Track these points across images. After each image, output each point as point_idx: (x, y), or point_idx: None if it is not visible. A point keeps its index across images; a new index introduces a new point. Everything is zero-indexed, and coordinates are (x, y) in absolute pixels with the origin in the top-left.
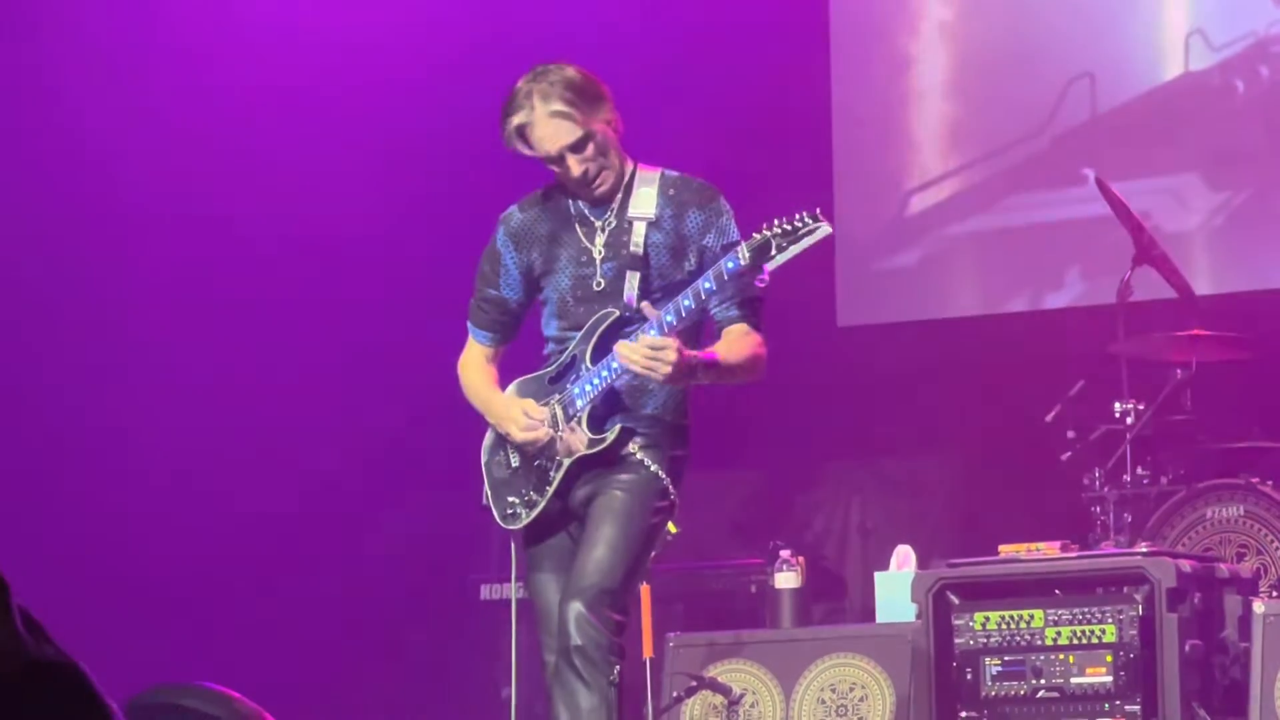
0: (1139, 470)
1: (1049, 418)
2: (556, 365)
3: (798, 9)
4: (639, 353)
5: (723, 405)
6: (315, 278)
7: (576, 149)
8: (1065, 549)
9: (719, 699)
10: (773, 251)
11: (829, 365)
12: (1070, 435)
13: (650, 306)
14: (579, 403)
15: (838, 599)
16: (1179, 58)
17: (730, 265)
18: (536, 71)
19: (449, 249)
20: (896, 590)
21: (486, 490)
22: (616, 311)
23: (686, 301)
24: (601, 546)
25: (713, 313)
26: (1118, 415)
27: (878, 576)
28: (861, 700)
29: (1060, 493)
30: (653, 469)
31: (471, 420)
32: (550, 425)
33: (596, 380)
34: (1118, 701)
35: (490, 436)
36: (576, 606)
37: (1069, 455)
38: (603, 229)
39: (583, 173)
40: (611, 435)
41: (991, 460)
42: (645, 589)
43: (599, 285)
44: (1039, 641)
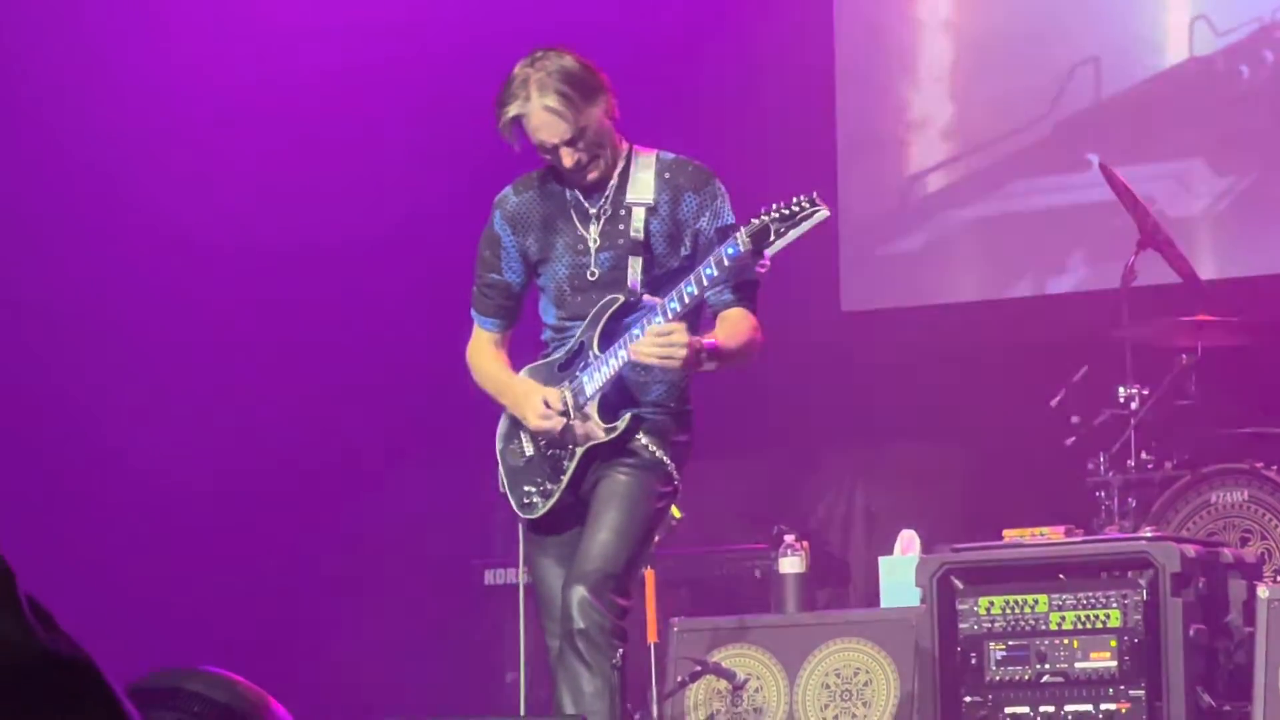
0: (1143, 455)
1: (1053, 403)
2: (565, 352)
3: None
4: (650, 343)
5: (727, 390)
6: (315, 270)
7: (570, 143)
8: (1069, 534)
9: (723, 684)
10: (771, 236)
11: (833, 350)
12: (1074, 420)
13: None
14: (589, 390)
15: (842, 584)
16: (1184, 43)
17: (731, 251)
18: (535, 57)
19: (451, 238)
20: (901, 575)
21: (502, 478)
22: (621, 297)
23: (690, 288)
24: (605, 531)
25: (707, 297)
26: (1122, 400)
27: (882, 561)
28: (866, 685)
29: (1064, 477)
30: (656, 455)
31: (475, 406)
32: (564, 412)
33: (605, 368)
34: (1122, 686)
35: (504, 423)
36: (580, 591)
37: (1073, 440)
38: (597, 217)
39: (575, 162)
40: (624, 423)
41: (996, 445)
42: (650, 574)
43: (593, 275)
44: (1043, 626)
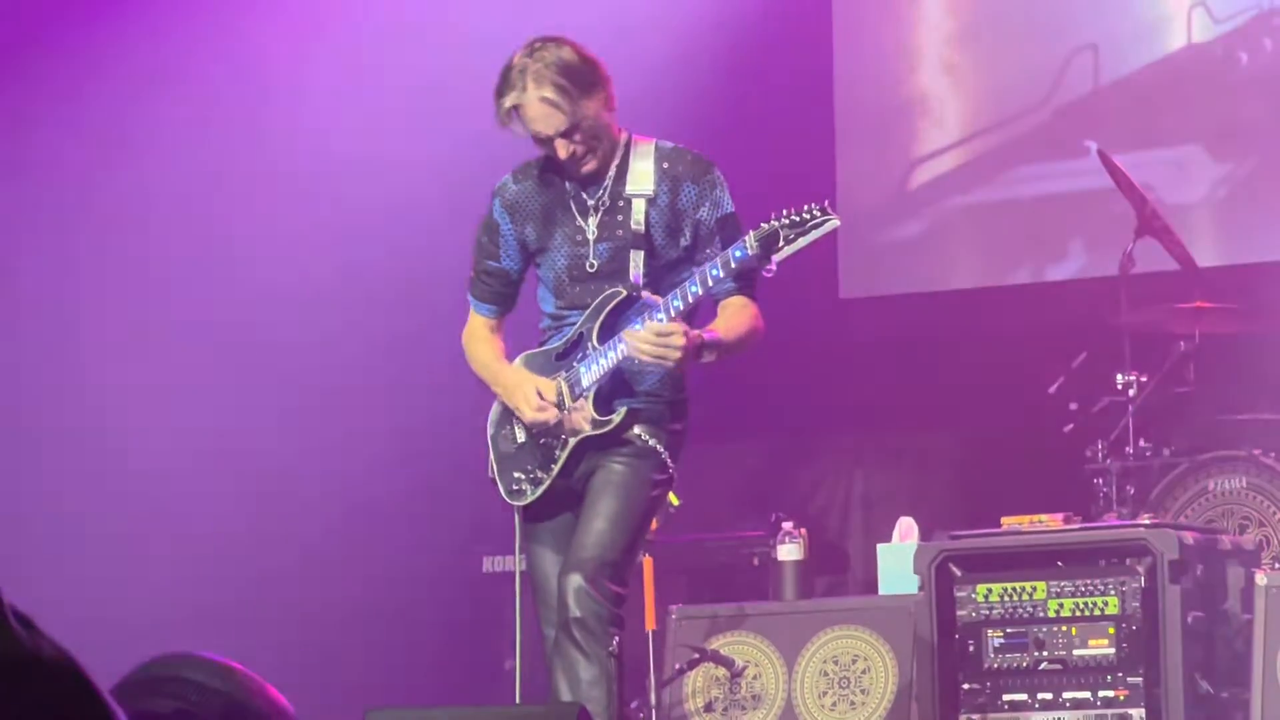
0: (1141, 442)
1: (1051, 389)
2: (564, 341)
3: None
4: (648, 341)
5: (725, 378)
6: (314, 260)
7: (565, 135)
8: (1068, 521)
9: (721, 671)
10: (780, 243)
11: (831, 337)
12: (1073, 407)
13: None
14: (585, 381)
15: (840, 571)
16: (1182, 29)
17: (738, 254)
18: (533, 47)
19: (449, 231)
20: (899, 562)
21: (492, 463)
22: (624, 291)
23: (694, 287)
24: (601, 520)
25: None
26: (1120, 387)
27: (880, 549)
28: (864, 672)
29: (1063, 465)
30: (651, 444)
31: (474, 394)
32: (558, 403)
33: (603, 361)
34: (1120, 673)
35: (497, 409)
36: (576, 579)
37: (1071, 427)
38: (595, 209)
39: (570, 154)
40: (618, 417)
41: (994, 432)
42: (648, 561)
43: (592, 267)
44: (1041, 613)
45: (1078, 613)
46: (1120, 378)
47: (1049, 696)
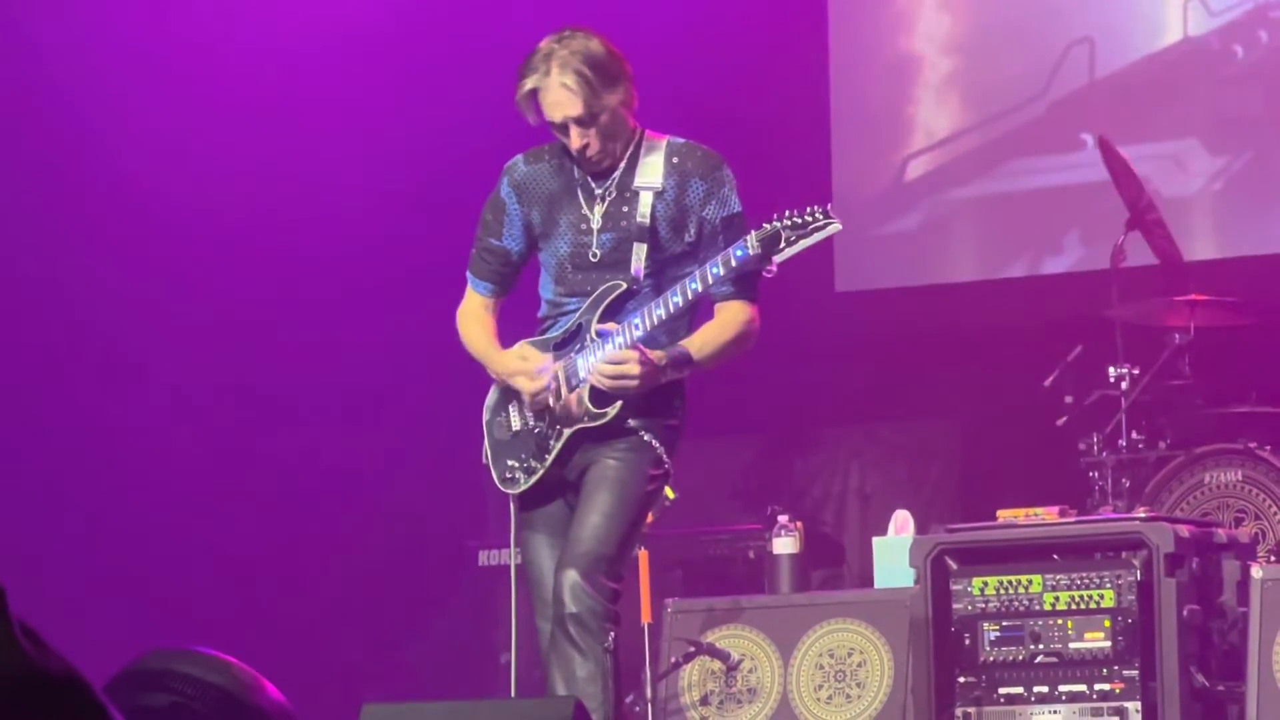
0: (1136, 435)
1: (1047, 383)
2: (563, 331)
3: None
4: (602, 371)
5: (721, 371)
6: (311, 252)
7: (581, 123)
8: (1063, 514)
9: (717, 664)
10: (781, 244)
11: (827, 330)
12: (1068, 400)
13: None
14: (582, 373)
15: (836, 564)
16: (1178, 22)
17: (739, 254)
18: (562, 35)
19: (446, 220)
20: (894, 556)
21: (486, 450)
22: (624, 283)
23: (694, 284)
24: (596, 514)
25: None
26: (1114, 380)
27: (876, 542)
28: (860, 666)
29: (1058, 458)
30: (646, 438)
31: (470, 383)
32: (553, 387)
33: (601, 353)
34: (1115, 666)
35: (493, 395)
36: (571, 574)
37: (1066, 420)
38: (602, 199)
39: (582, 146)
40: (613, 410)
41: (989, 425)
42: (644, 555)
43: (595, 256)
44: (1037, 606)
45: (1073, 606)
46: (1112, 370)
47: (1045, 690)
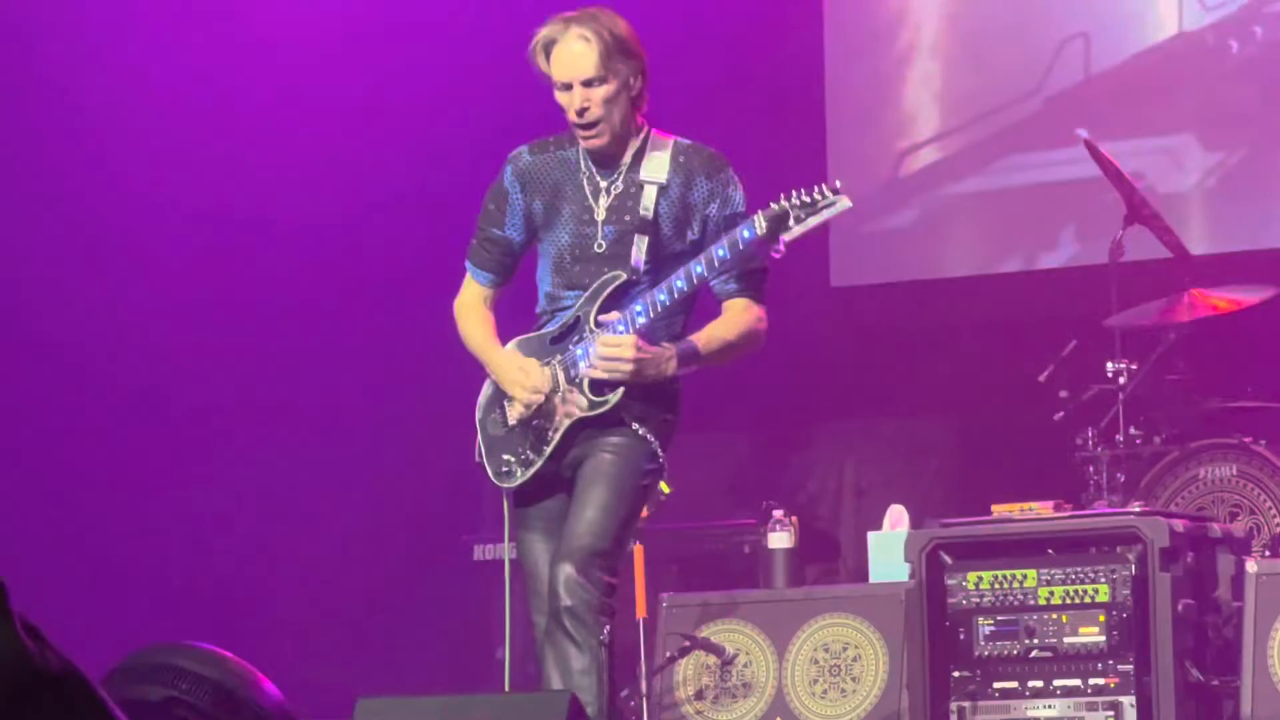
0: (1132, 430)
1: (1042, 377)
2: (560, 325)
3: None
4: (597, 355)
5: (716, 366)
6: (306, 246)
7: (587, 84)
8: (1058, 509)
9: (712, 659)
10: (790, 223)
11: (823, 326)
12: (1063, 395)
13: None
14: (581, 365)
15: (831, 559)
16: (1173, 18)
17: (746, 234)
18: (591, 11)
19: (438, 217)
20: (890, 550)
21: (480, 446)
22: (623, 274)
23: (698, 267)
24: (591, 509)
25: (712, 285)
26: (1110, 375)
27: (871, 536)
28: (855, 660)
29: (1053, 452)
30: (641, 432)
31: (466, 379)
32: (551, 387)
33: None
34: (1110, 661)
35: (487, 392)
36: (566, 568)
37: (1062, 415)
38: (608, 190)
39: (580, 110)
40: (614, 398)
41: (985, 420)
42: (639, 549)
43: (599, 248)
44: (1032, 601)
45: (1068, 600)
46: (1110, 365)
47: (1040, 684)
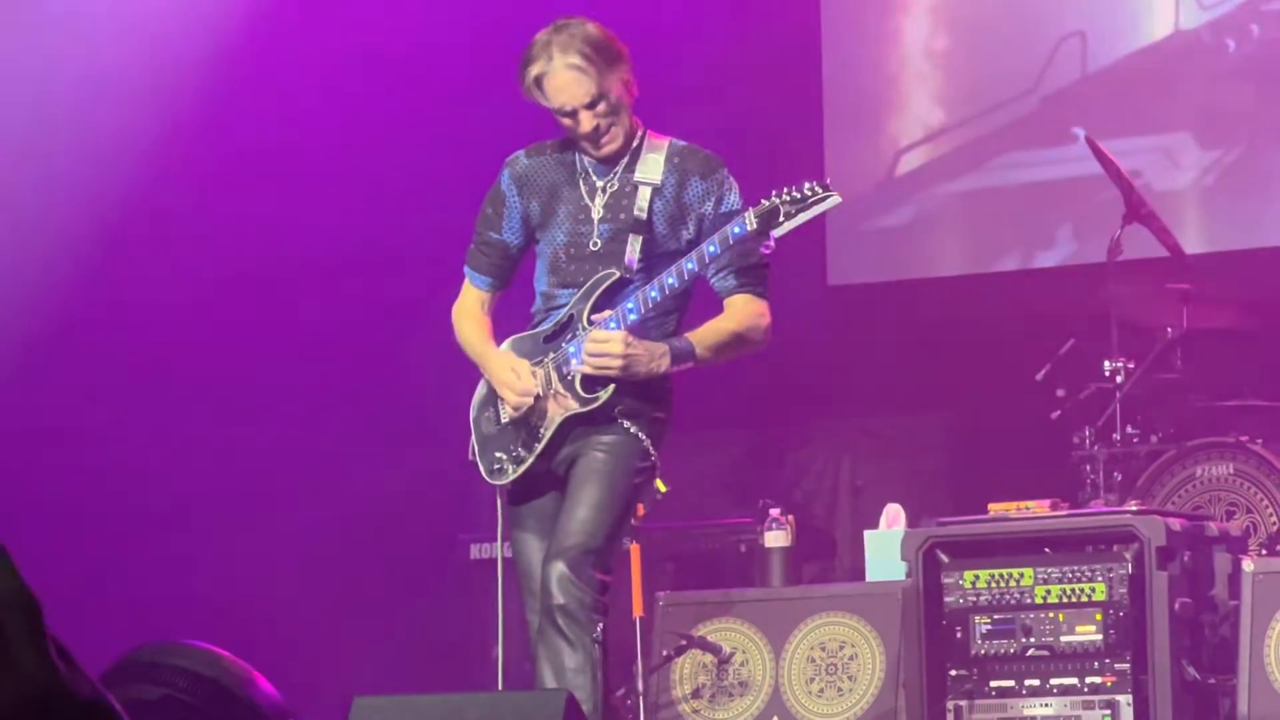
0: (1129, 429)
1: (1039, 376)
2: (553, 324)
3: None
4: (586, 350)
5: (719, 363)
6: (302, 245)
7: (590, 105)
8: (1055, 507)
9: (709, 658)
10: (780, 218)
11: (819, 324)
12: (1060, 394)
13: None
14: (574, 363)
15: (827, 558)
16: (1170, 16)
17: (736, 230)
18: (557, 24)
19: (434, 216)
20: (886, 549)
21: (473, 444)
22: (617, 272)
23: (690, 264)
24: (584, 507)
25: (711, 281)
26: (1107, 374)
27: (867, 535)
28: (851, 659)
29: (1050, 451)
30: (633, 431)
31: (462, 378)
32: (543, 385)
33: None
34: (1107, 659)
35: (481, 391)
36: (559, 567)
37: (1059, 414)
38: (604, 190)
39: (593, 128)
40: (605, 394)
41: (981, 419)
42: (635, 548)
43: (595, 246)
44: (1029, 600)
45: (1065, 599)
46: (1107, 364)
47: (1036, 683)
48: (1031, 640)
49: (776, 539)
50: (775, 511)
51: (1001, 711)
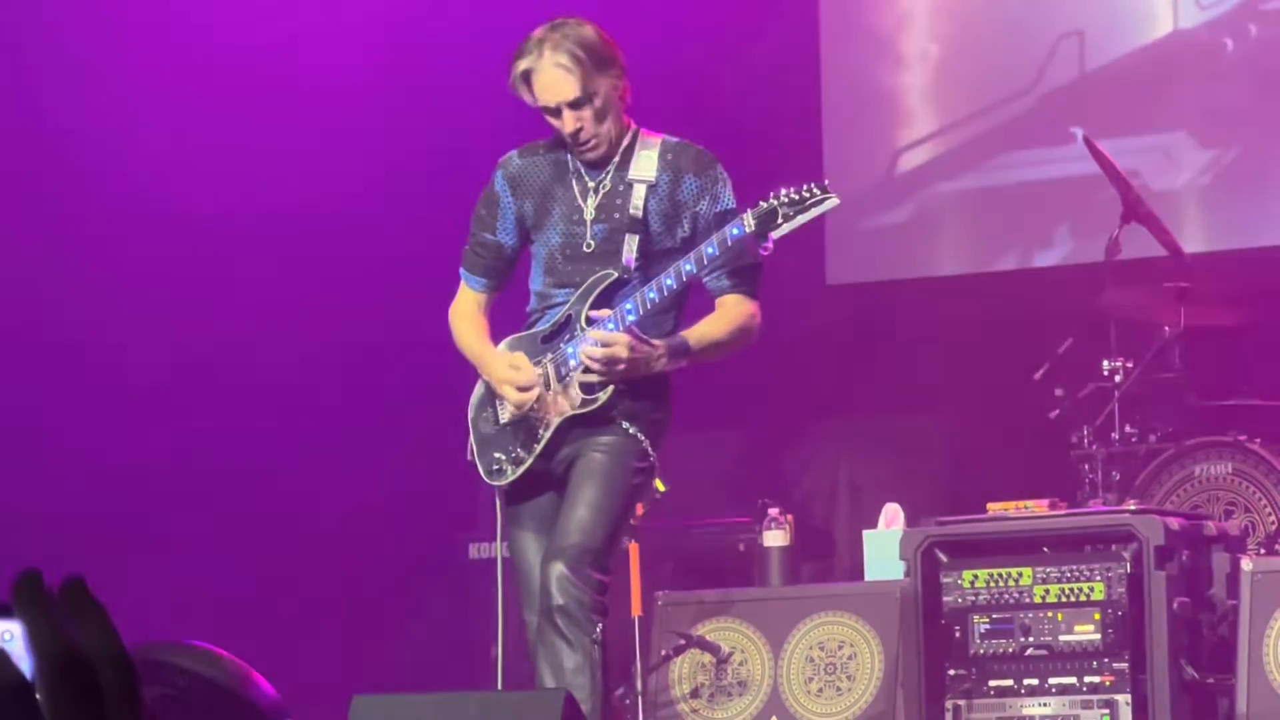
0: (1127, 428)
1: (1037, 375)
2: (551, 324)
3: None
4: (590, 353)
5: (711, 363)
6: (300, 245)
7: (574, 105)
8: (1053, 507)
9: (707, 657)
10: (779, 220)
11: (818, 323)
12: (1059, 393)
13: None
14: (572, 363)
15: (826, 557)
16: (1168, 15)
17: (735, 232)
18: (554, 23)
19: (438, 212)
20: (885, 548)
21: (472, 445)
22: (615, 273)
23: (688, 265)
24: (582, 507)
25: (705, 281)
26: (1106, 373)
27: (866, 535)
28: (850, 658)
29: (1048, 451)
30: (632, 431)
31: (461, 377)
32: (542, 385)
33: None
34: (1105, 659)
35: (479, 391)
36: (558, 567)
37: (1057, 413)
38: (596, 190)
39: (575, 130)
40: (604, 396)
41: (980, 418)
42: (634, 547)
43: (589, 246)
44: (1027, 599)
45: (1063, 598)
46: (1106, 363)
47: (1035, 682)
48: (1030, 640)
49: (775, 538)
50: (774, 511)
51: (1000, 711)
